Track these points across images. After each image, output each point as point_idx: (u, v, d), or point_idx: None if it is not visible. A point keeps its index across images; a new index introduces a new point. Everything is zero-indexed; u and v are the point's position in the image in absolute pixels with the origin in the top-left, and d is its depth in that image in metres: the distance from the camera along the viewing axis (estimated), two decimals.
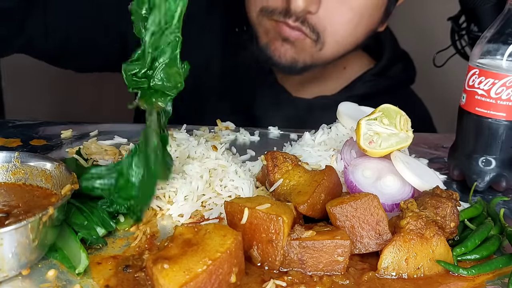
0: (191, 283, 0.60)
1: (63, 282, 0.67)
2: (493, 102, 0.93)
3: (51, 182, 0.77)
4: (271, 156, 0.87)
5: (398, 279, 0.72)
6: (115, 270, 0.70)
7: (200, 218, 0.84)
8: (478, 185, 0.98)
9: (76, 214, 0.77)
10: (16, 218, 0.68)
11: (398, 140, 0.87)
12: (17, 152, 0.78)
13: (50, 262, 0.71)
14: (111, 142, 1.09)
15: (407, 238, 0.72)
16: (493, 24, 0.95)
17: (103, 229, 0.76)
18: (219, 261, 0.63)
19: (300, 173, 0.85)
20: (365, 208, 0.74)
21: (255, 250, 0.71)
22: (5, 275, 0.65)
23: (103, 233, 0.76)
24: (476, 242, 0.77)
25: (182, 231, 0.68)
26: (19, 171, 0.78)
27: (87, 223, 0.76)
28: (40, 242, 0.67)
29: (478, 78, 0.94)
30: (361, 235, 0.74)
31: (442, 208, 0.76)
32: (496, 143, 0.96)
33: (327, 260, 0.70)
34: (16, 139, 1.09)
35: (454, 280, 0.72)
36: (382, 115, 0.88)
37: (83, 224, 0.75)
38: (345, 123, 1.01)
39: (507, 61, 0.92)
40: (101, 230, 0.76)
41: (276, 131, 1.25)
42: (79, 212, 0.77)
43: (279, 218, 0.69)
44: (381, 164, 0.89)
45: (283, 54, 1.28)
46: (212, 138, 1.15)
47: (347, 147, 0.94)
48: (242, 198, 0.80)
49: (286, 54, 1.28)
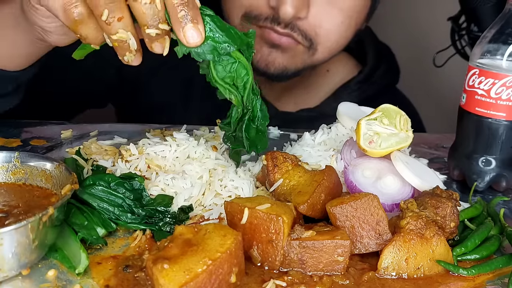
0: (191, 283, 0.60)
1: (63, 282, 0.67)
2: (493, 102, 0.93)
3: (51, 182, 0.77)
4: (271, 156, 0.87)
5: (398, 279, 0.72)
6: (115, 270, 0.70)
7: (200, 218, 0.84)
8: (478, 185, 0.98)
9: (76, 214, 0.77)
10: (16, 218, 0.68)
11: (398, 140, 0.87)
12: (17, 152, 0.78)
13: (50, 262, 0.71)
14: (111, 142, 1.09)
15: (407, 238, 0.72)
16: (493, 24, 0.95)
17: (103, 229, 0.76)
18: (219, 261, 0.63)
19: (300, 173, 0.85)
20: (365, 208, 0.74)
21: (255, 250, 0.71)
22: (5, 275, 0.65)
23: (103, 233, 0.76)
24: (476, 242, 0.77)
25: (182, 231, 0.68)
26: (19, 171, 0.78)
27: (87, 223, 0.76)
28: (40, 242, 0.67)
29: (478, 78, 0.94)
30: (361, 235, 0.74)
31: (442, 208, 0.76)
32: (496, 143, 0.96)
33: (327, 260, 0.70)
34: (16, 139, 1.09)
35: (454, 280, 0.72)
36: (382, 115, 0.88)
37: (83, 224, 0.75)
38: (345, 123, 1.01)
39: (507, 61, 0.92)
40: (101, 230, 0.76)
41: (276, 131, 1.25)
42: (79, 212, 0.77)
43: (279, 218, 0.69)
44: (381, 164, 0.89)
45: (272, 62, 1.21)
46: (212, 138, 1.15)
47: (347, 147, 0.94)
48: (242, 198, 0.80)
49: (275, 63, 1.21)
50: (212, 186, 0.89)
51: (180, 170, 0.91)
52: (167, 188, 0.87)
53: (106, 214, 0.79)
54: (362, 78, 1.40)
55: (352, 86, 1.39)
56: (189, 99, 1.42)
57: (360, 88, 1.39)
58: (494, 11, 1.34)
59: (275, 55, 1.21)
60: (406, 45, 1.67)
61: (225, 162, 0.94)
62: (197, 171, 0.91)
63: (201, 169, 0.91)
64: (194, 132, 1.17)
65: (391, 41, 1.57)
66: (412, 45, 2.03)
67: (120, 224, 0.79)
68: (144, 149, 0.94)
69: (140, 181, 0.84)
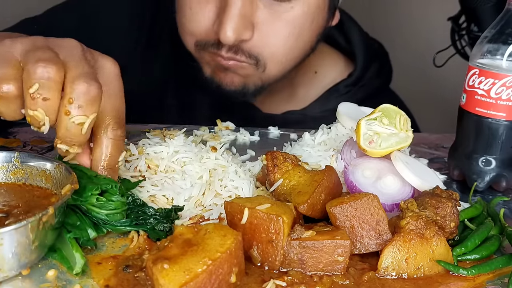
0: (191, 283, 0.60)
1: (63, 282, 0.67)
2: (493, 102, 0.93)
3: (51, 182, 0.76)
4: (271, 156, 0.87)
5: (398, 279, 0.72)
6: (115, 270, 0.70)
7: (200, 218, 0.84)
8: (478, 185, 0.98)
9: (69, 214, 0.75)
10: (16, 218, 0.68)
11: (398, 140, 0.87)
12: (17, 152, 0.78)
13: (50, 262, 0.71)
14: None
15: (407, 238, 0.72)
16: (493, 24, 0.95)
17: (94, 231, 0.75)
18: (219, 261, 0.63)
19: (300, 173, 0.85)
20: (365, 208, 0.74)
21: (255, 250, 0.71)
22: (5, 275, 0.65)
23: (94, 235, 0.75)
24: (476, 242, 0.77)
25: (182, 231, 0.68)
26: (19, 171, 0.78)
27: (80, 223, 0.75)
28: (40, 242, 0.67)
29: (478, 78, 0.94)
30: (361, 235, 0.74)
31: (442, 208, 0.76)
32: (496, 143, 0.96)
33: (327, 260, 0.70)
34: (16, 139, 1.09)
35: (454, 280, 0.72)
36: (382, 115, 0.88)
37: (76, 224, 0.75)
38: (345, 123, 1.01)
39: (507, 61, 0.92)
40: (92, 232, 0.75)
41: (276, 131, 1.25)
42: (73, 212, 0.76)
43: (279, 218, 0.69)
44: (381, 164, 0.89)
45: (230, 82, 1.21)
46: (211, 138, 1.15)
47: (347, 147, 0.94)
48: (242, 198, 0.80)
49: (233, 82, 1.21)
50: (212, 186, 0.89)
51: (180, 170, 0.91)
52: (167, 188, 0.87)
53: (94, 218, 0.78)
54: (351, 81, 1.37)
55: (341, 90, 1.37)
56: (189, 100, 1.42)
57: (350, 91, 1.36)
58: (494, 11, 1.33)
59: (231, 76, 1.21)
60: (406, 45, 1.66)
61: (225, 162, 0.94)
62: (197, 171, 0.91)
63: (201, 169, 0.91)
64: (194, 132, 1.17)
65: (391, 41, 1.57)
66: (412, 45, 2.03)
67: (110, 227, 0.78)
68: (144, 149, 0.94)
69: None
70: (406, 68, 1.56)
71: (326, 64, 1.41)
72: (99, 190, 0.76)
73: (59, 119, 0.70)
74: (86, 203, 0.76)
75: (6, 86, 0.68)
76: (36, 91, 0.68)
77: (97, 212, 0.76)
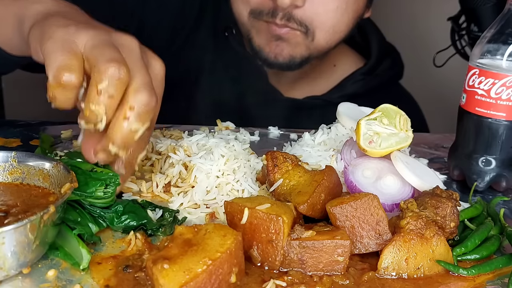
0: (191, 283, 0.60)
1: (63, 282, 0.67)
2: (493, 102, 0.93)
3: (49, 181, 0.76)
4: (271, 156, 0.87)
5: (398, 279, 0.72)
6: (115, 270, 0.70)
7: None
8: (478, 185, 0.98)
9: (69, 210, 0.76)
10: (15, 217, 0.68)
11: (398, 140, 0.87)
12: (14, 152, 0.78)
13: (50, 262, 0.71)
14: None
15: (407, 238, 0.72)
16: (493, 24, 0.95)
17: (95, 226, 0.77)
18: (219, 261, 0.63)
19: (300, 173, 0.85)
20: (365, 208, 0.74)
21: (255, 250, 0.71)
22: (6, 274, 0.65)
23: (96, 230, 0.76)
24: (476, 242, 0.77)
25: (182, 231, 0.68)
26: (16, 171, 0.78)
27: (81, 219, 0.76)
28: (41, 241, 0.67)
29: (478, 78, 0.94)
30: (361, 235, 0.74)
31: (442, 208, 0.76)
32: (496, 143, 0.96)
33: (327, 260, 0.70)
34: (16, 139, 1.09)
35: (454, 280, 0.72)
36: (382, 115, 0.88)
37: (77, 220, 0.75)
38: (345, 123, 1.01)
39: (507, 61, 0.92)
40: (93, 226, 0.76)
41: (276, 131, 1.25)
42: (72, 208, 0.77)
43: (279, 218, 0.69)
44: (381, 164, 0.89)
45: (280, 53, 1.29)
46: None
47: (347, 147, 0.94)
48: (242, 198, 0.80)
49: (282, 53, 1.29)
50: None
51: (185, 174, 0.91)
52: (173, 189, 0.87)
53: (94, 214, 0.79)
54: (366, 69, 1.46)
55: (357, 77, 1.45)
56: (189, 99, 1.42)
57: (364, 79, 1.45)
58: (494, 11, 1.34)
59: (281, 46, 1.28)
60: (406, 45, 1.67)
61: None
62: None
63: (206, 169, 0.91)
64: (194, 132, 1.17)
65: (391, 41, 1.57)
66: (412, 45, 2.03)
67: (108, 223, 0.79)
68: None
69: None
70: (406, 68, 1.56)
71: (344, 59, 1.51)
72: (104, 185, 0.77)
73: (116, 122, 0.71)
74: (91, 198, 0.77)
75: (68, 75, 0.69)
76: (105, 87, 0.69)
77: (103, 203, 0.78)
